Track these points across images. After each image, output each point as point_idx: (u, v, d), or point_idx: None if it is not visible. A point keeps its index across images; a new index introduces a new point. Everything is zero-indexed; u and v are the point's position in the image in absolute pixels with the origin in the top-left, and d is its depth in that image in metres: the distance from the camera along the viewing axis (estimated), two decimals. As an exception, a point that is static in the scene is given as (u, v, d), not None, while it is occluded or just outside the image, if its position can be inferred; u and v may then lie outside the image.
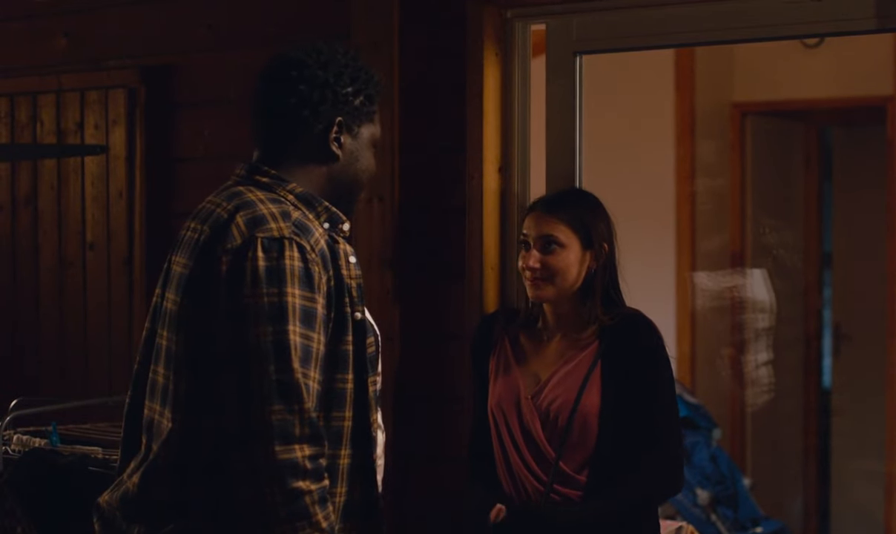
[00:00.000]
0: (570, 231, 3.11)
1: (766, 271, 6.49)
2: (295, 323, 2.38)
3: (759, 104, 6.75)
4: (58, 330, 4.71)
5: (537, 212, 3.16)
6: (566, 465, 3.08)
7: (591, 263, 3.12)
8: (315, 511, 2.36)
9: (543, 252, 3.11)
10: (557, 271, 3.10)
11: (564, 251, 3.10)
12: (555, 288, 3.12)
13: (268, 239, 2.41)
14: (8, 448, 3.76)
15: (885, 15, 3.32)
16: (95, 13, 4.62)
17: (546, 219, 3.12)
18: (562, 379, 3.11)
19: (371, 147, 2.66)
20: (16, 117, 4.78)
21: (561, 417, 3.08)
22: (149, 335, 2.58)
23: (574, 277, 3.11)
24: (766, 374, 6.47)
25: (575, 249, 3.11)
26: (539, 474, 3.11)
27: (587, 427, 3.07)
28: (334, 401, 2.49)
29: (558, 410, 3.08)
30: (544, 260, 3.10)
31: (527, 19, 3.80)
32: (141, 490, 2.48)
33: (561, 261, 3.10)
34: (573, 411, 3.06)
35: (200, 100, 4.40)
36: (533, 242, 3.12)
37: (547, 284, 3.11)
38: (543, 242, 3.11)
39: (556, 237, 3.10)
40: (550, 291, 3.12)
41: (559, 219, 3.11)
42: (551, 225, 3.11)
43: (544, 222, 3.12)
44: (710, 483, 5.76)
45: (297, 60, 2.57)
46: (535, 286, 3.13)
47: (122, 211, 4.54)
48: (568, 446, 3.07)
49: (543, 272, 3.10)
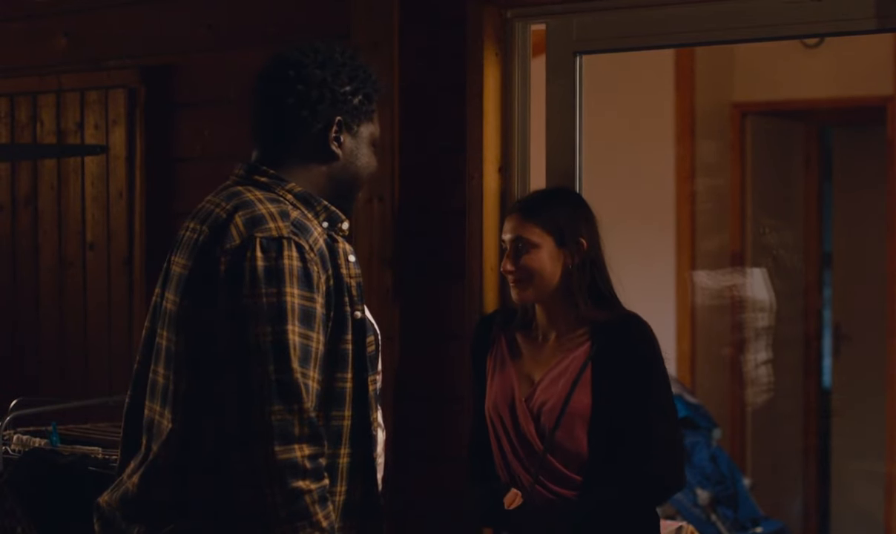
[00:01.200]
0: (541, 231, 3.12)
1: (765, 271, 6.49)
2: (294, 323, 2.38)
3: (759, 104, 6.75)
4: (58, 330, 4.71)
5: (513, 215, 3.19)
6: (558, 461, 3.07)
7: (567, 260, 3.13)
8: (315, 511, 2.36)
9: (517, 255, 3.13)
10: (533, 272, 3.12)
11: (538, 251, 3.12)
12: (534, 288, 3.14)
13: (266, 239, 2.41)
14: (8, 448, 3.76)
15: (885, 15, 3.33)
16: (95, 13, 4.62)
17: (520, 222, 3.15)
18: (553, 380, 3.11)
19: (371, 145, 2.66)
20: (16, 117, 4.78)
21: (551, 418, 3.08)
22: (148, 335, 2.58)
23: (549, 276, 3.13)
24: (766, 373, 6.47)
25: (548, 248, 3.12)
26: (535, 472, 3.12)
27: (576, 427, 3.07)
28: (334, 400, 2.49)
29: (549, 411, 3.09)
30: (518, 263, 3.12)
31: (527, 19, 3.80)
32: (141, 490, 2.48)
33: (535, 261, 3.12)
34: (561, 412, 3.07)
35: (200, 100, 4.41)
36: (508, 245, 3.15)
37: (526, 285, 3.14)
38: (517, 245, 3.13)
39: (529, 239, 3.12)
40: (531, 293, 3.15)
41: (531, 221, 3.13)
42: (524, 227, 3.13)
43: (518, 225, 3.15)
44: (710, 483, 5.76)
45: (295, 60, 2.57)
46: (515, 289, 3.16)
47: (122, 211, 4.54)
48: (557, 443, 3.07)
49: (520, 273, 3.13)
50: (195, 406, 2.44)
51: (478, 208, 3.78)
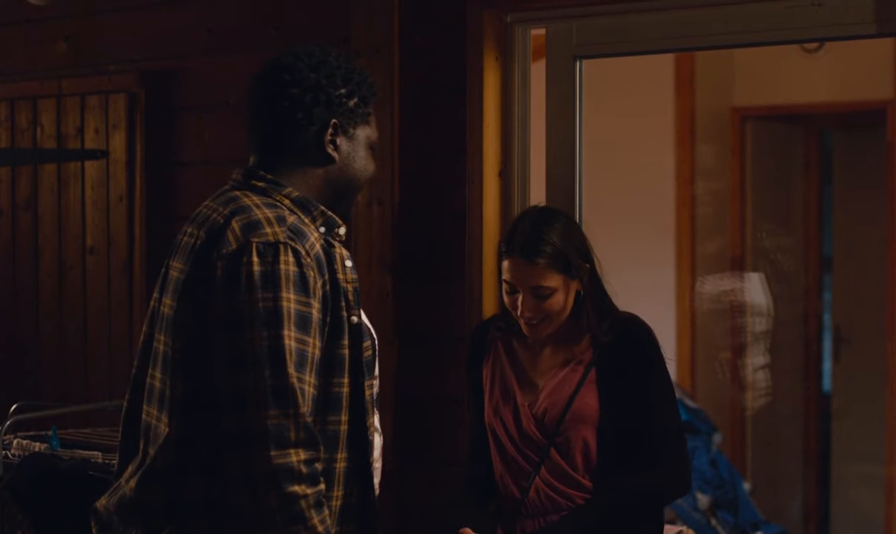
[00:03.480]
0: (554, 274, 3.07)
1: (763, 275, 6.49)
2: (290, 328, 2.38)
3: (760, 108, 6.75)
4: (58, 334, 4.71)
5: (516, 259, 3.09)
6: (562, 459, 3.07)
7: (577, 286, 3.12)
8: (311, 515, 2.37)
9: (537, 300, 3.09)
10: (552, 313, 3.09)
11: (557, 293, 3.09)
12: (552, 324, 3.11)
13: (263, 244, 2.42)
14: (8, 453, 3.76)
15: (885, 19, 3.33)
16: (96, 18, 4.63)
17: (529, 270, 3.06)
18: (557, 386, 3.11)
19: (368, 149, 2.66)
20: (16, 122, 4.78)
21: (555, 419, 3.08)
22: (146, 340, 2.58)
23: (566, 308, 3.11)
24: (765, 378, 6.47)
25: (564, 286, 3.09)
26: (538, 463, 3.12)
27: (582, 429, 3.07)
28: (330, 405, 2.50)
29: (554, 414, 3.08)
30: (539, 306, 3.09)
31: (527, 24, 3.81)
32: (138, 494, 2.48)
33: (555, 304, 3.09)
34: (565, 413, 3.06)
35: (201, 104, 4.41)
36: (522, 292, 3.10)
37: (544, 324, 3.10)
38: (535, 293, 3.09)
39: (547, 286, 3.08)
40: (548, 329, 3.11)
41: (541, 266, 3.06)
42: (537, 275, 3.06)
43: (529, 274, 3.07)
44: (711, 487, 5.76)
45: (289, 63, 2.58)
46: (533, 330, 3.11)
47: (122, 215, 4.54)
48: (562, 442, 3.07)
49: (540, 315, 3.10)
50: (192, 410, 2.44)
51: (477, 212, 3.78)
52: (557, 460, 3.09)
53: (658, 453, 3.06)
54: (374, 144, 2.68)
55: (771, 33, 3.53)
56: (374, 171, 2.70)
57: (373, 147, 2.68)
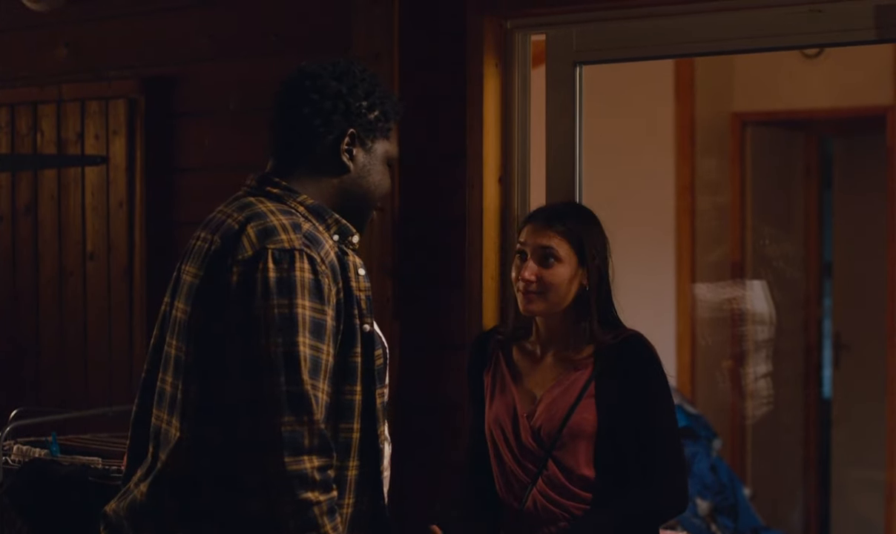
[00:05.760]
0: (568, 246, 3.08)
1: (765, 283, 6.49)
2: (305, 335, 2.39)
3: (760, 114, 6.75)
4: (58, 340, 4.71)
5: (536, 223, 3.14)
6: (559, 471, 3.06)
7: (584, 281, 3.10)
8: (324, 522, 2.37)
9: (541, 265, 3.08)
10: (551, 286, 3.08)
11: (561, 266, 3.08)
12: (546, 303, 3.09)
13: (278, 250, 2.42)
14: (8, 458, 3.76)
15: (885, 25, 3.33)
16: (96, 23, 4.63)
17: (545, 231, 3.09)
18: (556, 399, 3.09)
19: (385, 164, 2.66)
20: (16, 127, 4.78)
21: (553, 433, 3.07)
22: (157, 343, 2.58)
23: (565, 293, 3.09)
24: (766, 386, 6.47)
25: (571, 265, 3.08)
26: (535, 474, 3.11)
27: (579, 444, 3.05)
28: (343, 412, 2.50)
29: (552, 427, 3.07)
30: (541, 273, 3.08)
31: (527, 30, 3.81)
32: (149, 499, 2.48)
33: (557, 276, 3.08)
34: (563, 426, 3.05)
35: (201, 110, 4.41)
36: (531, 252, 3.10)
37: (539, 297, 3.09)
38: (542, 254, 3.08)
39: (555, 251, 3.07)
40: (541, 306, 3.10)
41: (558, 232, 3.08)
42: (550, 237, 3.08)
43: (543, 234, 3.09)
44: (710, 493, 5.75)
45: (313, 71, 2.59)
46: (527, 299, 3.10)
47: (123, 221, 4.54)
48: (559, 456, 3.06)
49: (538, 285, 3.08)
50: (203, 415, 2.44)
51: (477, 218, 3.78)
52: (555, 472, 3.08)
53: (656, 472, 3.05)
54: (393, 160, 2.68)
55: (771, 39, 3.53)
56: (388, 187, 2.69)
57: (390, 163, 2.67)
